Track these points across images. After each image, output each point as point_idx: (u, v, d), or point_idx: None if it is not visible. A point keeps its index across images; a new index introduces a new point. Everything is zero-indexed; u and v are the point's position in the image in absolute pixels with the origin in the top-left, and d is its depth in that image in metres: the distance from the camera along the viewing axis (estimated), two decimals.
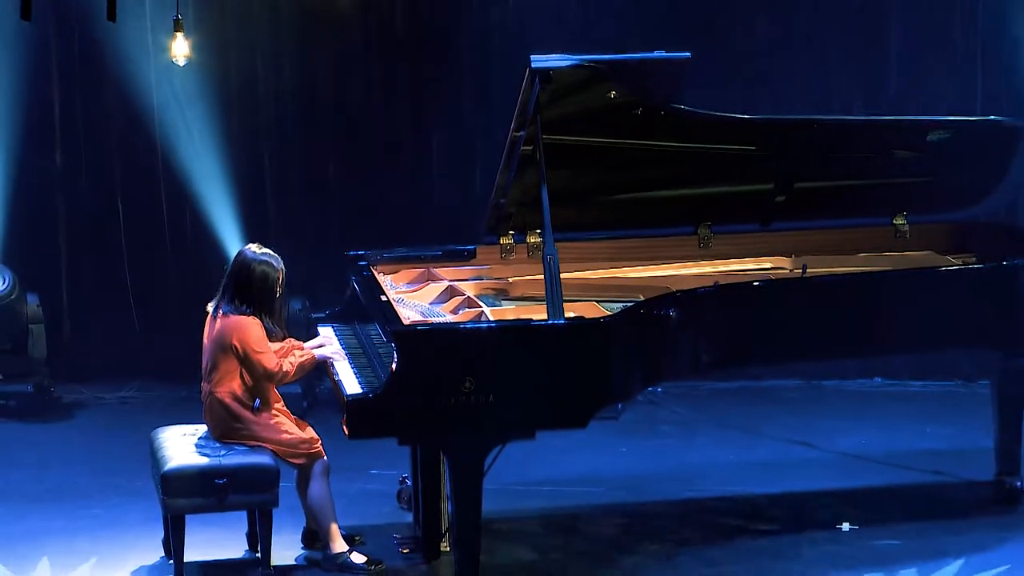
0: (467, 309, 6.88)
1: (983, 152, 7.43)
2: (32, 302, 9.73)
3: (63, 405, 9.78)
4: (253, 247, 6.83)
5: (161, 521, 6.80)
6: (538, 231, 7.20)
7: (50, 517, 7.59)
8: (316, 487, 6.69)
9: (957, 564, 6.74)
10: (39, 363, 9.71)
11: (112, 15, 7.23)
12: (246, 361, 6.60)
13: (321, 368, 6.91)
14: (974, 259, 7.61)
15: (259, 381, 6.66)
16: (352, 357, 6.88)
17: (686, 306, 6.64)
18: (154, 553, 6.94)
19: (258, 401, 6.69)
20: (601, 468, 8.22)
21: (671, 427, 9.11)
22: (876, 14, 9.97)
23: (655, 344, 6.59)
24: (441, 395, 6.16)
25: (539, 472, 7.96)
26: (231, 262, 6.86)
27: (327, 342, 7.03)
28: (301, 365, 6.72)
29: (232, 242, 9.78)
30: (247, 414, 6.66)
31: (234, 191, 10.00)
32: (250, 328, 6.62)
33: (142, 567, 6.86)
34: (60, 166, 10.27)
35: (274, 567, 6.67)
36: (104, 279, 10.24)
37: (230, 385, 6.64)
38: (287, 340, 6.94)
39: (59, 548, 7.11)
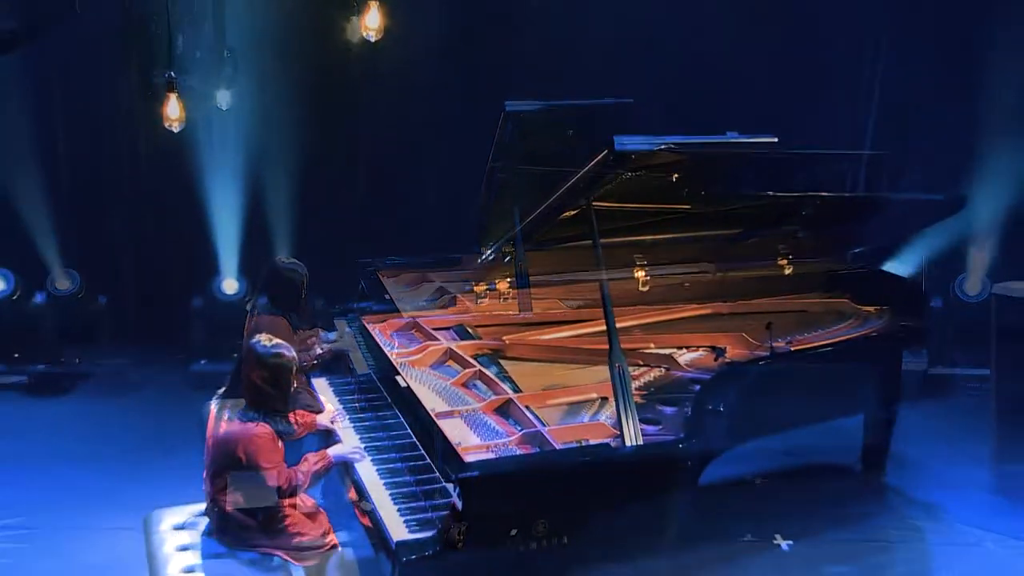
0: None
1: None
2: (101, 301, 9.98)
3: (128, 383, 9.83)
4: (283, 257, 6.87)
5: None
6: (512, 242, 7.27)
7: (115, 477, 7.69)
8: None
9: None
10: (108, 349, 9.84)
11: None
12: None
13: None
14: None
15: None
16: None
17: None
18: (200, 506, 6.96)
19: None
20: None
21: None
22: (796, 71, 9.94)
23: None
24: None
25: None
26: (265, 269, 6.90)
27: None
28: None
29: (273, 248, 9.82)
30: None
31: (267, 209, 10.06)
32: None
33: (189, 520, 6.90)
34: (127, 191, 10.35)
35: None
36: (163, 282, 10.31)
37: None
38: (313, 330, 6.95)
39: (116, 505, 7.23)
